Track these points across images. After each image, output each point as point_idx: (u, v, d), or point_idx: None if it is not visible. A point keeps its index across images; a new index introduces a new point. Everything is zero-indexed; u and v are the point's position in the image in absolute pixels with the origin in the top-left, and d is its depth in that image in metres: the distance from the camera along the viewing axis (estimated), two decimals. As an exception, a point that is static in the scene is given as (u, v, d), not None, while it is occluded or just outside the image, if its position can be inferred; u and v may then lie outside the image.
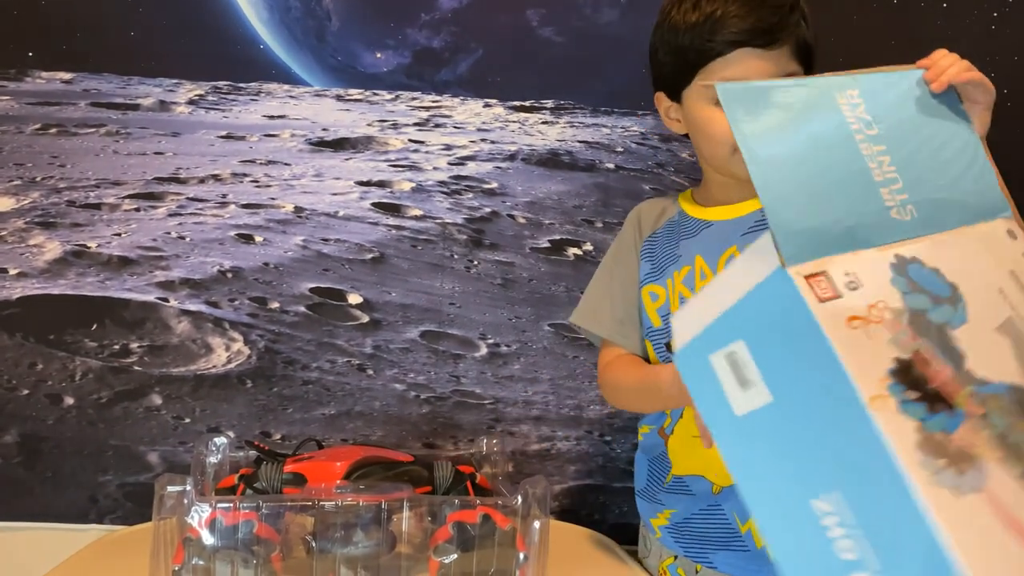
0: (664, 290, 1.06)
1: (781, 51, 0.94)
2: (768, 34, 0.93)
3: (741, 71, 0.94)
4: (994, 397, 0.62)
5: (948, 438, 0.58)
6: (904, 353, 0.60)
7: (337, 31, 1.34)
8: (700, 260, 1.03)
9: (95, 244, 1.33)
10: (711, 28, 0.93)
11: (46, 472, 1.34)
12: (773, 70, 0.94)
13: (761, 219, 0.98)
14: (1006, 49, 1.32)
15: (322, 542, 0.97)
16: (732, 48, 0.94)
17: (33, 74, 1.32)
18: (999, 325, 0.66)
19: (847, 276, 0.62)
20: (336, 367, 1.35)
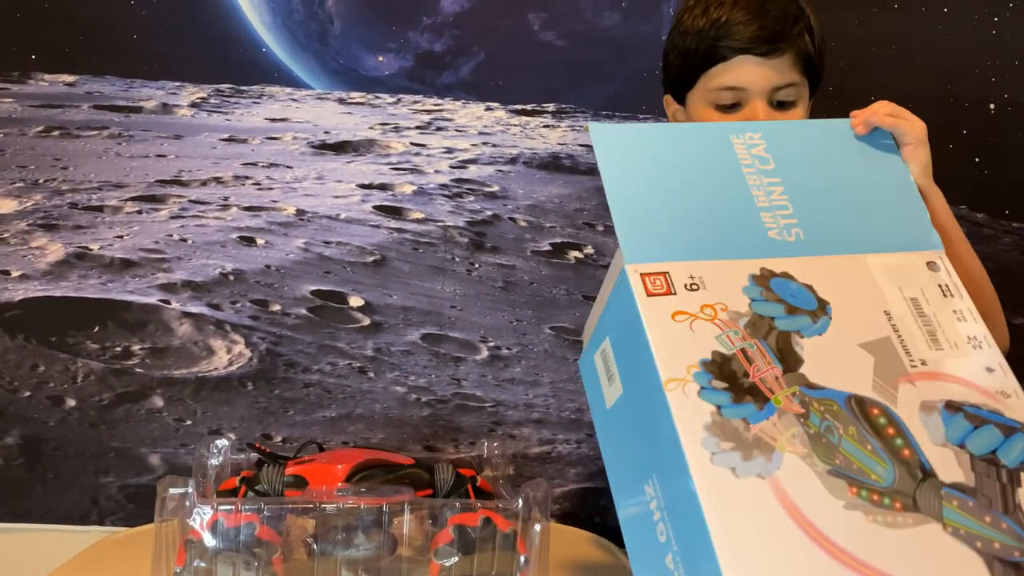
0: None
1: (781, 60, 0.96)
2: (768, 43, 0.95)
3: (742, 77, 0.96)
4: (823, 401, 0.66)
5: (747, 426, 0.63)
6: (726, 349, 0.67)
7: (339, 34, 1.34)
8: None
9: (97, 246, 1.33)
10: (716, 33, 0.96)
11: (48, 474, 1.34)
12: (773, 78, 0.96)
13: None
14: (1007, 53, 1.32)
15: (323, 544, 0.97)
16: (734, 54, 0.96)
17: (36, 76, 1.33)
18: (867, 342, 0.71)
19: (690, 279, 0.70)
20: (337, 369, 1.35)
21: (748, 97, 0.97)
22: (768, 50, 0.95)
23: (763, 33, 0.95)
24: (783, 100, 0.98)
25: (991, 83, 1.33)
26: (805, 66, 0.98)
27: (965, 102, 1.33)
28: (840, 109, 1.33)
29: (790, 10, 0.98)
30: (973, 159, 1.34)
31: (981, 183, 1.34)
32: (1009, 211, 1.35)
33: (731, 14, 0.96)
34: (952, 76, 1.33)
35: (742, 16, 0.95)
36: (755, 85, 0.96)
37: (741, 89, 0.97)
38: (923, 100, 1.34)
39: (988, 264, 1.36)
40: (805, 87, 1.00)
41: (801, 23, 0.98)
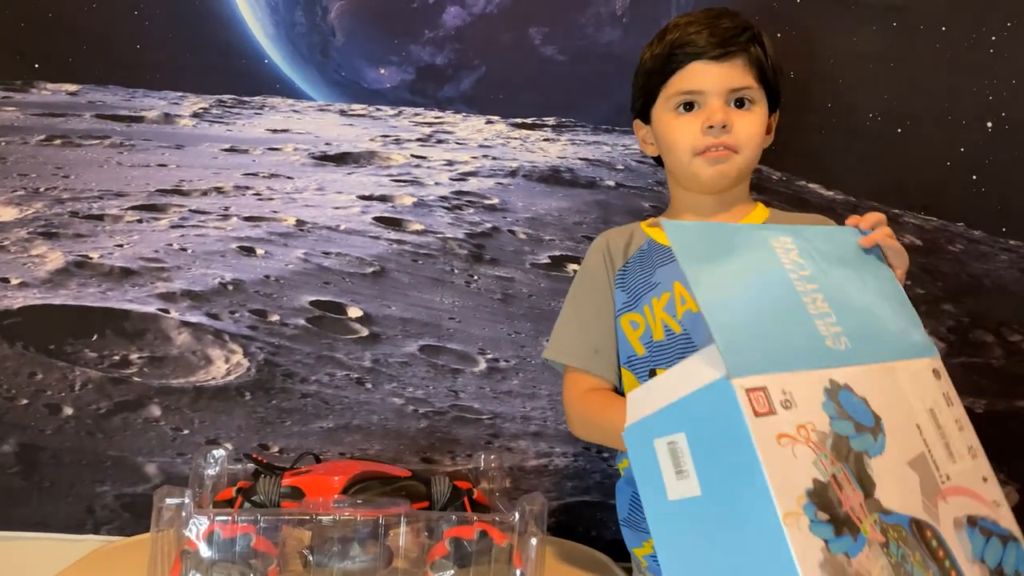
0: (643, 318, 1.07)
1: (733, 63, 1.03)
2: (718, 46, 1.03)
3: (697, 80, 1.04)
4: (895, 527, 0.67)
5: (848, 561, 0.63)
6: (822, 476, 0.66)
7: (341, 47, 1.35)
8: (679, 287, 1.05)
9: (97, 255, 1.34)
10: (671, 48, 1.05)
11: (44, 482, 1.34)
12: (728, 79, 1.03)
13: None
14: (1004, 72, 1.33)
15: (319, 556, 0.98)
16: (689, 60, 1.04)
17: (39, 85, 1.33)
18: (912, 459, 0.72)
19: (783, 395, 0.68)
20: (335, 380, 1.35)
21: (705, 99, 1.04)
22: (720, 53, 1.03)
23: (714, 39, 1.03)
24: (741, 99, 1.05)
25: (988, 101, 1.34)
26: (759, 74, 1.05)
27: (962, 120, 1.34)
28: (839, 126, 1.34)
29: (740, 22, 1.06)
30: (971, 176, 1.35)
31: (978, 201, 1.35)
32: (1006, 228, 1.36)
33: (684, 30, 1.05)
34: (950, 94, 1.33)
35: (694, 28, 1.04)
36: (711, 86, 1.03)
37: (698, 92, 1.04)
38: (921, 118, 1.35)
39: (985, 281, 1.37)
40: (762, 94, 1.06)
41: (750, 33, 1.05)
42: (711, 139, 1.04)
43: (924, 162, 1.35)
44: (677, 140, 1.06)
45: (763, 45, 1.06)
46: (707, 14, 1.06)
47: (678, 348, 1.05)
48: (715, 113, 1.03)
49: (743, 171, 1.07)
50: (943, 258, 1.36)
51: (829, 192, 1.35)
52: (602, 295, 1.10)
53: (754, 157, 1.07)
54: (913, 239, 1.36)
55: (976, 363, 1.37)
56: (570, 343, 1.10)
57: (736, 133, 1.04)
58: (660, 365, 1.05)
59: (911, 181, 1.36)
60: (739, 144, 1.04)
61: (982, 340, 1.37)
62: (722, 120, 1.03)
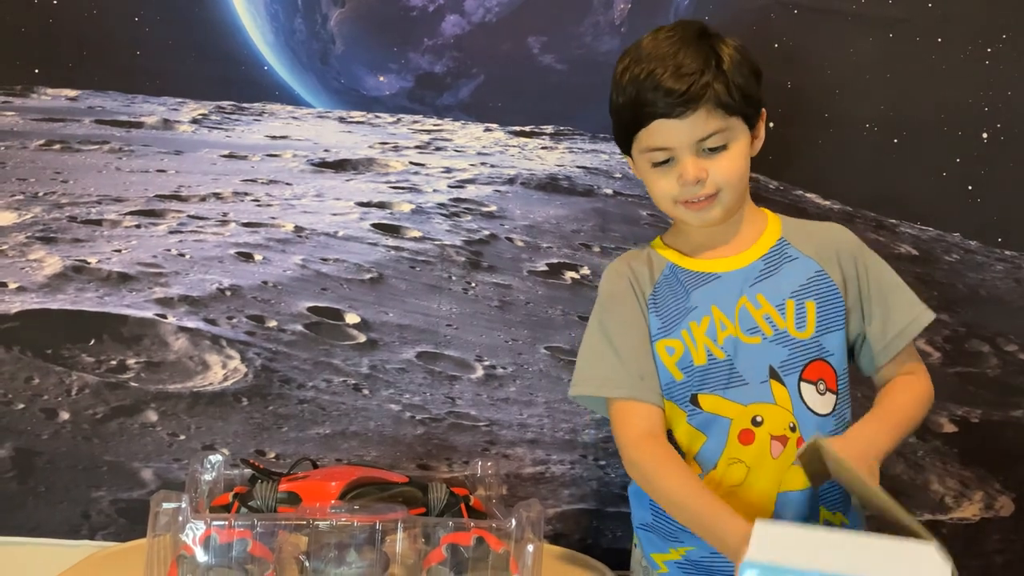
0: (681, 343, 1.06)
1: (697, 115, 1.01)
2: (677, 107, 1.00)
3: (664, 138, 1.02)
4: None
5: None
6: None
7: (341, 54, 1.35)
8: (716, 310, 1.05)
9: (95, 260, 1.34)
10: (633, 103, 1.03)
11: (39, 487, 1.34)
12: (694, 133, 1.01)
13: (763, 268, 1.07)
14: (1000, 83, 1.34)
15: (315, 562, 0.97)
16: (651, 119, 1.02)
17: (39, 90, 1.33)
18: None
19: None
20: (332, 386, 1.35)
21: (676, 154, 1.03)
22: (679, 112, 1.00)
23: (671, 99, 1.00)
24: (712, 147, 1.02)
25: (984, 113, 1.34)
26: (727, 110, 1.02)
27: (958, 131, 1.35)
28: (836, 137, 1.35)
29: (699, 62, 1.01)
30: (966, 187, 1.35)
31: (974, 211, 1.36)
32: (1002, 239, 1.36)
33: (641, 85, 1.01)
34: (945, 105, 1.34)
35: (651, 83, 1.01)
36: (678, 143, 1.02)
37: (667, 148, 1.03)
38: (917, 129, 1.36)
39: (981, 292, 1.38)
40: (735, 126, 1.03)
41: (709, 74, 1.01)
42: (688, 193, 1.03)
43: (920, 173, 1.36)
44: (656, 192, 1.06)
45: (725, 76, 1.02)
46: (663, 57, 1.01)
47: (721, 374, 1.04)
48: (687, 171, 1.02)
49: (731, 206, 1.06)
50: (939, 268, 1.37)
51: (826, 202, 1.36)
52: (636, 321, 1.08)
53: (740, 188, 1.06)
54: (909, 249, 1.36)
55: (972, 373, 1.37)
56: (611, 374, 1.07)
57: (713, 177, 1.03)
58: (701, 391, 1.04)
59: (907, 191, 1.36)
60: (718, 186, 1.03)
61: (978, 350, 1.38)
62: (695, 177, 1.02)
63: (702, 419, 1.05)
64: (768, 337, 1.04)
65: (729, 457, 1.04)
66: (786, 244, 1.09)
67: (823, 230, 1.12)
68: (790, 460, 1.03)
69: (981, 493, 1.38)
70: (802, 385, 1.04)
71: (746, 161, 1.06)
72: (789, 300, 1.05)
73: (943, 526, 1.37)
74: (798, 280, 1.06)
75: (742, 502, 1.03)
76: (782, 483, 1.03)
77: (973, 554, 1.38)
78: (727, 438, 1.04)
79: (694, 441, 1.05)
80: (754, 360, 1.04)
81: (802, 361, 1.04)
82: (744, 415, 1.03)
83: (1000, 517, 1.38)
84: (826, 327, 1.05)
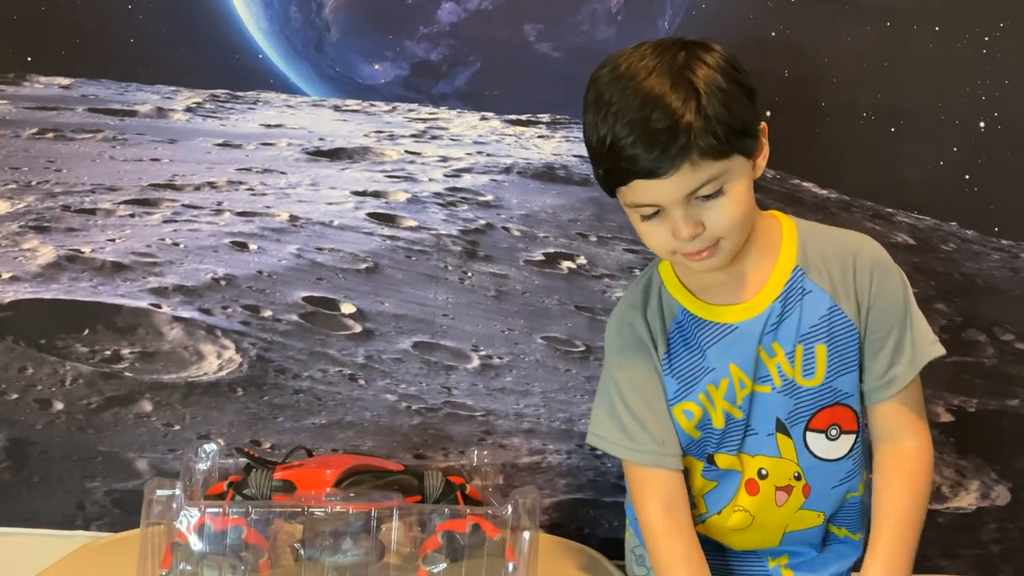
0: (699, 407, 1.00)
1: (680, 172, 0.87)
2: (653, 172, 0.87)
3: (647, 196, 0.90)
4: None
5: None
6: None
7: (336, 42, 1.34)
8: (735, 370, 0.99)
9: (89, 249, 1.33)
10: (607, 155, 0.90)
11: (33, 477, 1.33)
12: (680, 189, 0.89)
13: (781, 312, 0.98)
14: (997, 73, 1.33)
15: (311, 550, 0.97)
16: (630, 179, 0.89)
17: (32, 79, 1.32)
18: None
19: None
20: (328, 376, 1.34)
21: (665, 208, 0.91)
22: (660, 173, 0.87)
23: (646, 164, 0.87)
24: (705, 195, 0.90)
25: (981, 101, 1.34)
26: (719, 155, 0.88)
27: (956, 120, 1.34)
28: (833, 125, 1.34)
29: (674, 111, 0.86)
30: (963, 176, 1.35)
31: (971, 200, 1.35)
32: (999, 228, 1.36)
33: (613, 134, 0.88)
34: (943, 94, 1.34)
35: (624, 137, 0.87)
36: (663, 200, 0.90)
37: (653, 205, 0.91)
38: (914, 117, 1.36)
39: (977, 281, 1.38)
40: (730, 166, 0.90)
41: (688, 124, 0.86)
42: (685, 247, 0.92)
43: (917, 161, 1.35)
44: (650, 244, 0.95)
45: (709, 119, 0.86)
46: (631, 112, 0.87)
47: (738, 433, 1.01)
48: (678, 230, 0.90)
49: (736, 249, 0.95)
50: (936, 257, 1.36)
51: (823, 191, 1.36)
52: (652, 383, 1.01)
53: (744, 231, 0.95)
54: (906, 238, 1.36)
55: (968, 362, 1.37)
56: (629, 440, 1.01)
57: (711, 229, 0.91)
58: (719, 451, 1.02)
59: (904, 180, 1.36)
60: (718, 234, 0.91)
61: (975, 339, 1.37)
62: (689, 235, 0.90)
63: (717, 473, 1.04)
64: (776, 387, 0.99)
65: (735, 505, 1.03)
66: (802, 275, 0.99)
67: (841, 248, 1.00)
68: (796, 506, 1.02)
69: (977, 482, 1.38)
70: (808, 435, 1.00)
71: (748, 199, 0.93)
72: (798, 345, 0.98)
73: (940, 516, 1.37)
74: (810, 320, 0.98)
75: (747, 541, 1.06)
76: (788, 525, 1.04)
77: (969, 544, 1.38)
78: (737, 488, 1.03)
79: (706, 486, 1.05)
80: (764, 410, 1.00)
81: (809, 411, 0.99)
82: (751, 466, 1.02)
83: (996, 506, 1.38)
84: (838, 371, 0.99)
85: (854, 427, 1.01)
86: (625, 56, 0.93)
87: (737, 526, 1.04)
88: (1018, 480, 1.38)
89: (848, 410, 1.00)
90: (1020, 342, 1.37)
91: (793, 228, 1.02)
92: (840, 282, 0.98)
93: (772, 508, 1.02)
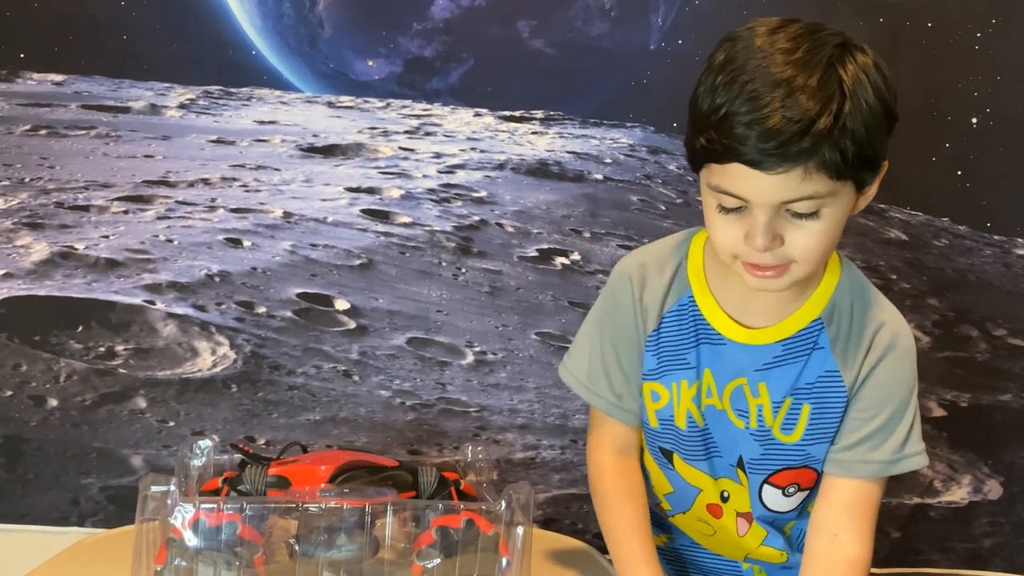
0: (668, 393, 0.95)
1: (790, 175, 0.76)
2: (770, 160, 0.76)
3: (738, 187, 0.79)
4: None
5: None
6: None
7: (329, 38, 1.35)
8: (708, 376, 0.93)
9: (83, 246, 1.33)
10: (715, 125, 0.78)
11: (28, 474, 1.33)
12: (778, 193, 0.78)
13: (780, 355, 0.91)
14: (989, 68, 1.34)
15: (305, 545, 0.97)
16: (730, 159, 0.78)
17: (24, 75, 1.32)
18: None
19: None
20: (322, 373, 1.35)
21: (751, 207, 0.80)
22: (771, 166, 0.76)
23: (765, 148, 0.75)
24: (799, 212, 0.79)
25: (973, 97, 1.35)
26: (834, 175, 0.77)
27: (948, 116, 1.35)
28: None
29: (817, 103, 0.75)
30: (955, 172, 1.36)
31: (963, 196, 1.36)
32: (991, 224, 1.37)
33: (733, 105, 0.77)
34: (935, 90, 1.34)
35: (743, 114, 0.76)
36: (756, 199, 0.79)
37: (740, 198, 0.80)
38: (906, 114, 1.36)
39: (970, 276, 1.38)
40: (840, 191, 0.79)
41: (824, 125, 0.75)
42: (752, 257, 0.82)
43: (909, 158, 1.35)
44: (715, 237, 0.84)
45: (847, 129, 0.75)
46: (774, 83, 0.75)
47: (699, 444, 0.96)
48: (756, 236, 0.79)
49: (802, 281, 0.85)
50: (928, 253, 1.37)
51: (816, 186, 1.36)
52: (627, 347, 0.97)
53: (821, 263, 0.85)
54: (899, 234, 1.37)
55: (961, 357, 1.38)
56: (590, 378, 0.98)
57: (791, 248, 0.81)
58: (678, 449, 0.97)
59: (897, 176, 1.35)
60: (793, 258, 0.81)
61: (967, 334, 1.38)
62: (764, 246, 0.79)
63: (672, 475, 1.00)
64: (751, 429, 0.93)
65: (697, 516, 1.01)
66: (821, 328, 0.91)
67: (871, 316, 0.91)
68: (758, 540, 0.99)
69: (970, 477, 1.39)
70: (765, 487, 0.95)
71: (838, 233, 0.83)
72: (788, 398, 0.91)
73: (932, 510, 1.38)
74: (807, 377, 0.91)
75: (712, 545, 1.04)
76: (750, 554, 1.02)
77: (961, 537, 1.39)
78: (693, 504, 1.00)
79: (665, 486, 1.02)
80: (731, 439, 0.95)
81: (776, 466, 0.94)
82: (714, 489, 0.98)
83: (989, 500, 1.39)
84: (816, 437, 0.92)
85: (812, 485, 0.95)
86: (773, 27, 0.80)
87: (701, 531, 1.03)
88: (1010, 474, 1.39)
89: (813, 472, 0.94)
90: (1012, 337, 1.38)
91: (835, 275, 0.92)
92: (853, 350, 0.90)
93: (734, 536, 1.00)
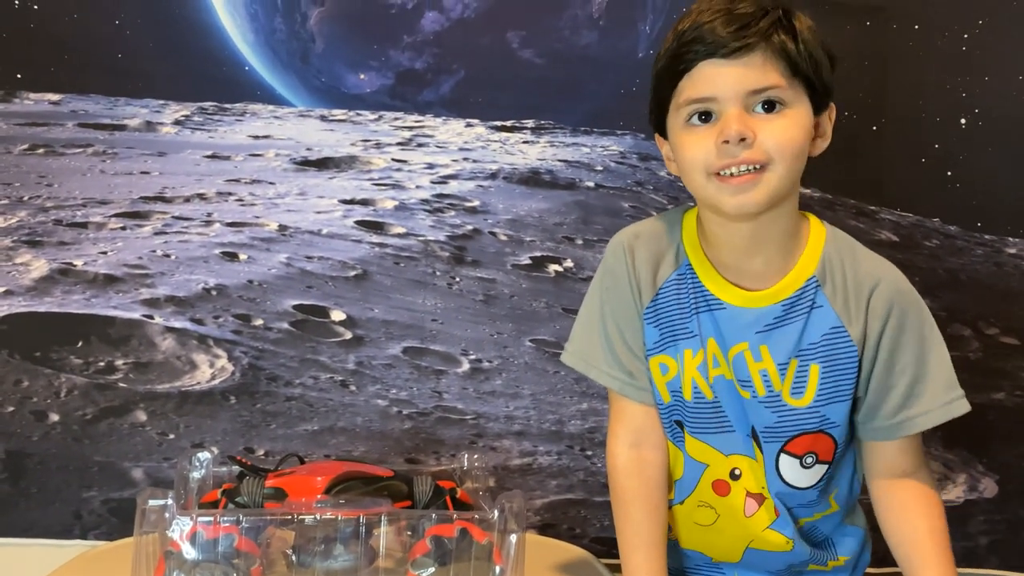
0: (677, 364, 0.95)
1: (751, 58, 0.84)
2: (729, 40, 0.83)
3: (707, 85, 0.85)
4: None
5: None
6: None
7: (321, 53, 1.36)
8: (713, 344, 0.94)
9: (81, 262, 1.34)
10: (678, 45, 0.87)
11: (31, 488, 1.35)
12: (744, 80, 0.84)
13: (780, 315, 0.91)
14: (977, 69, 1.34)
15: (302, 556, 0.99)
16: (697, 60, 0.85)
17: (21, 95, 1.34)
18: None
19: None
20: (319, 383, 1.36)
21: (721, 107, 0.85)
22: (731, 49, 0.83)
23: (723, 31, 0.83)
24: (767, 101, 0.84)
25: (962, 99, 1.35)
26: (789, 67, 0.84)
27: (937, 117, 1.35)
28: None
29: (762, 4, 0.85)
30: (945, 173, 1.36)
31: (953, 197, 1.36)
32: (981, 223, 1.37)
33: (695, 20, 0.86)
34: (923, 92, 1.35)
35: (707, 17, 0.85)
36: (724, 91, 0.84)
37: (710, 98, 0.85)
38: (895, 115, 1.37)
39: (961, 276, 1.39)
40: (798, 91, 0.86)
41: (773, 16, 0.84)
42: (728, 157, 0.84)
43: (899, 159, 1.36)
44: (687, 159, 0.88)
45: (793, 29, 0.85)
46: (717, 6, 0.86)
47: (708, 416, 0.95)
48: (730, 124, 0.83)
49: (778, 191, 0.86)
50: (919, 254, 1.38)
51: (806, 190, 1.37)
52: (629, 322, 0.97)
53: (793, 170, 0.87)
54: (889, 235, 1.37)
55: (953, 356, 1.36)
56: (597, 359, 0.98)
57: (762, 142, 0.84)
58: (685, 422, 0.96)
59: (887, 178, 1.37)
60: (767, 156, 0.84)
61: (959, 334, 1.39)
62: (738, 132, 0.83)
63: (683, 451, 0.98)
64: (759, 397, 0.92)
65: (699, 500, 0.99)
66: (816, 287, 0.92)
67: (864, 271, 0.93)
68: (764, 523, 0.96)
69: (965, 475, 1.39)
70: (782, 457, 0.94)
71: (806, 138, 0.87)
72: (793, 359, 0.91)
73: (928, 509, 1.38)
74: (811, 336, 0.91)
75: (710, 542, 1.01)
76: (753, 541, 0.98)
77: (957, 536, 1.39)
78: (698, 483, 0.98)
79: (672, 466, 1.00)
80: (740, 411, 0.94)
81: (790, 432, 0.93)
82: (723, 465, 0.96)
83: (984, 499, 1.39)
84: (830, 397, 0.92)
85: (830, 458, 0.95)
86: None
87: (703, 522, 0.99)
88: (1005, 472, 1.39)
89: (830, 440, 0.94)
90: (1004, 336, 1.39)
91: (821, 235, 0.94)
92: (854, 304, 0.91)
93: (740, 516, 0.97)
